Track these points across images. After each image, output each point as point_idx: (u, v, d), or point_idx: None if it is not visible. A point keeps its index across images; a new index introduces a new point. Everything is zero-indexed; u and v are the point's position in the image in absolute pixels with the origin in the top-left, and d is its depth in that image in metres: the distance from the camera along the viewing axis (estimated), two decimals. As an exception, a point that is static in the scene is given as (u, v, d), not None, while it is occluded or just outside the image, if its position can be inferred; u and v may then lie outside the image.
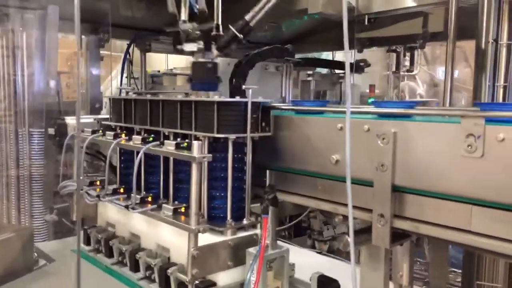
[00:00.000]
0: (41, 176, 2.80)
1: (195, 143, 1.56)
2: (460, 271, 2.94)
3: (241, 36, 1.77)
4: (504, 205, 1.20)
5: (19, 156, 2.72)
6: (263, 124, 1.74)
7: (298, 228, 3.58)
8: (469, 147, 1.23)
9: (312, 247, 3.57)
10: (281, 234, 3.33)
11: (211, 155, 1.60)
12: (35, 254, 2.11)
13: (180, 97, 1.80)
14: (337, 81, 4.27)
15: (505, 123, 1.18)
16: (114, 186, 2.02)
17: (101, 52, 4.05)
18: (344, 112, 1.35)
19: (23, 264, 1.99)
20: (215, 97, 1.64)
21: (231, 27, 1.80)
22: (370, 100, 5.14)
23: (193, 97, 1.75)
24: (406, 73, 6.34)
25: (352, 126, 1.44)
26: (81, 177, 2.12)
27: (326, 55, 4.83)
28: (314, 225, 3.50)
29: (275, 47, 2.12)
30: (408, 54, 4.27)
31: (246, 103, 1.65)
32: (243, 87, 1.68)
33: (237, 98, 1.68)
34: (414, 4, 2.72)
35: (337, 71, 4.36)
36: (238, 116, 1.65)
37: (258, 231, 1.71)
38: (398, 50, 4.22)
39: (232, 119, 1.65)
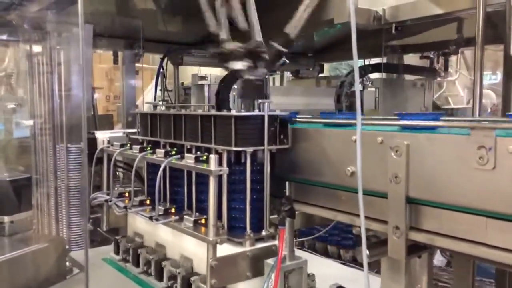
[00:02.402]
0: (78, 189, 2.91)
1: (212, 157, 1.61)
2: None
3: (285, 50, 1.81)
4: (517, 218, 1.18)
5: (57, 168, 2.84)
6: (282, 136, 1.77)
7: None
8: (481, 159, 1.22)
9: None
10: (310, 244, 3.33)
11: (227, 168, 1.64)
12: (69, 263, 2.21)
13: (200, 111, 1.86)
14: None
15: (517, 134, 1.17)
16: (142, 198, 2.09)
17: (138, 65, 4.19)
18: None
19: (56, 272, 2.09)
20: (232, 111, 1.68)
21: (273, 43, 1.84)
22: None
23: (212, 111, 1.80)
24: (444, 79, 6.21)
25: (365, 138, 1.46)
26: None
27: (361, 63, 4.82)
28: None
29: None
30: (442, 60, 4.19)
31: (263, 116, 1.69)
32: (259, 101, 1.71)
33: (255, 112, 1.72)
34: (441, 12, 2.67)
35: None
36: (255, 129, 1.69)
37: (277, 242, 1.73)
38: (431, 56, 4.15)
39: (250, 133, 1.68)
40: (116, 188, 2.32)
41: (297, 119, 1.79)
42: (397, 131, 1.46)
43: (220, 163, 1.68)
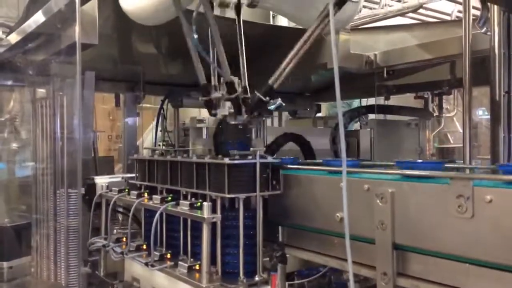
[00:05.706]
0: (76, 234, 2.92)
1: (205, 205, 1.66)
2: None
3: (266, 99, 1.91)
4: (496, 265, 1.21)
5: (57, 213, 2.86)
6: (274, 182, 1.82)
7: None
8: (460, 207, 1.27)
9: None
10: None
11: (220, 215, 1.69)
12: (67, 308, 2.22)
13: (195, 158, 1.92)
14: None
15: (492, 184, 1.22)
16: (138, 242, 2.13)
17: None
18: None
19: (54, 318, 2.11)
20: (225, 159, 1.74)
21: (256, 92, 1.94)
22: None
23: (207, 159, 1.86)
24: (441, 116, 6.27)
25: (352, 185, 1.52)
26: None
27: (357, 103, 4.90)
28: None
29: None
30: (436, 99, 4.30)
31: (255, 163, 1.74)
32: (251, 149, 1.78)
33: (247, 160, 1.77)
34: (429, 57, 2.77)
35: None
36: (248, 176, 1.75)
37: (269, 287, 1.76)
38: (425, 96, 4.26)
39: (242, 180, 1.74)
40: (114, 231, 2.36)
41: (288, 166, 1.84)
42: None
43: (214, 209, 1.73)
